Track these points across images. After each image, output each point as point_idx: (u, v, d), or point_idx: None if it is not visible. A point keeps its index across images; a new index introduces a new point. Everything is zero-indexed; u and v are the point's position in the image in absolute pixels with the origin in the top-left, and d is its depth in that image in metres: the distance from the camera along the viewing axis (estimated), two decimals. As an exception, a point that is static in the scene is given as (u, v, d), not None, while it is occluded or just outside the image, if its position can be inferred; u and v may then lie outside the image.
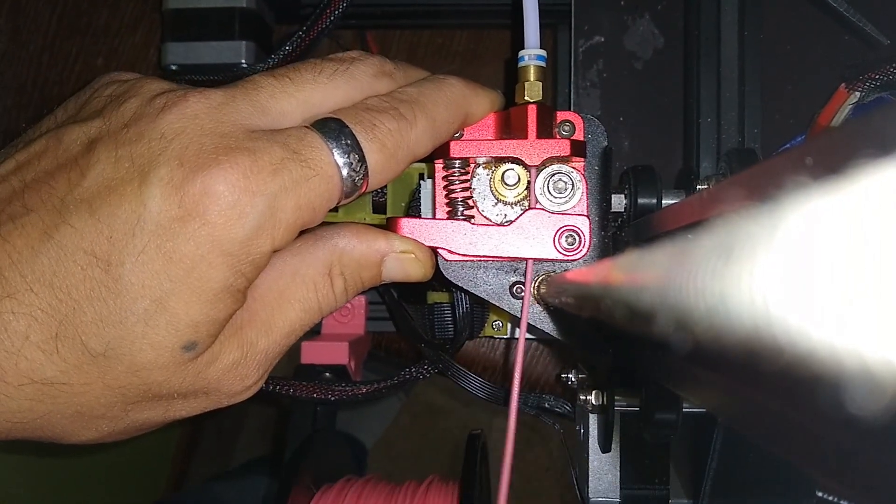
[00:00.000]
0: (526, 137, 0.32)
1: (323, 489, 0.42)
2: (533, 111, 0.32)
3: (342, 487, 0.42)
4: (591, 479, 0.37)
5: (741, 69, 0.40)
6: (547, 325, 0.34)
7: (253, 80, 0.28)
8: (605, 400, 0.35)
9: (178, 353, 0.26)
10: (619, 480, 0.37)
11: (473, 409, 1.26)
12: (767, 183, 0.14)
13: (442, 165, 0.34)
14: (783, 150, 0.42)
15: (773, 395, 0.11)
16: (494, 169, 0.33)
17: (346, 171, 0.27)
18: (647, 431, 0.31)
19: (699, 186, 0.35)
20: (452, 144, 0.33)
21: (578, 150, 0.33)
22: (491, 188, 0.33)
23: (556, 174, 0.33)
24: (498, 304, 0.34)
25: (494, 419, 1.16)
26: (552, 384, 0.57)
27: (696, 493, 0.34)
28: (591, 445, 0.37)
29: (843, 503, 0.33)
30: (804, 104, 0.43)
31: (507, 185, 0.33)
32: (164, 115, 0.26)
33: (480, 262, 0.34)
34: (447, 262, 0.34)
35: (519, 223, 0.33)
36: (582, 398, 0.36)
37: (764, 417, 0.14)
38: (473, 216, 0.33)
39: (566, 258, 0.33)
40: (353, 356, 0.46)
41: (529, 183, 0.33)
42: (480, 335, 0.47)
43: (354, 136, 0.28)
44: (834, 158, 0.10)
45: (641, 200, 0.34)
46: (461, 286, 0.34)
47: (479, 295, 0.34)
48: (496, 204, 0.33)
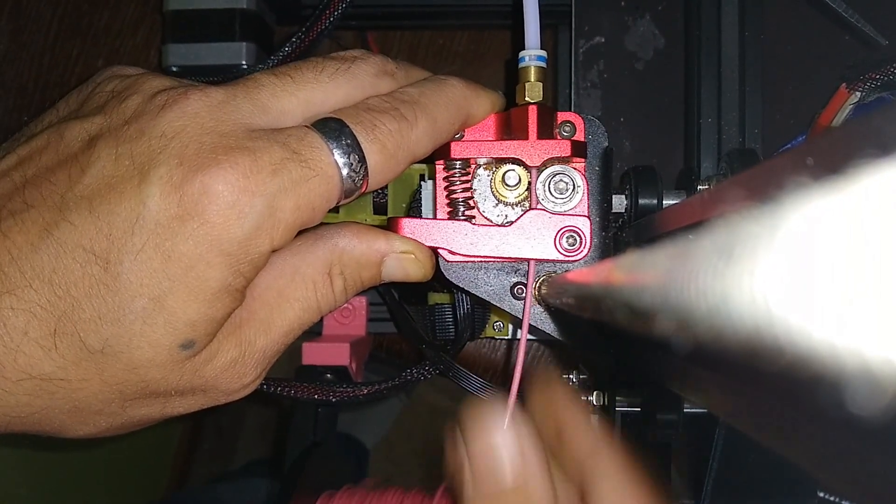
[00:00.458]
0: (527, 138, 0.32)
1: (324, 496, 0.41)
2: (533, 112, 0.32)
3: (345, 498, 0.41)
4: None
5: (742, 69, 0.40)
6: (548, 325, 0.34)
7: (254, 78, 0.28)
8: (606, 400, 0.35)
9: (175, 351, 0.26)
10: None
11: (474, 409, 1.25)
12: (768, 183, 0.14)
13: (443, 166, 0.34)
14: (784, 150, 0.42)
15: (774, 395, 0.11)
16: (495, 170, 0.33)
17: (346, 171, 0.27)
18: (648, 432, 0.31)
19: (700, 187, 0.35)
20: (453, 145, 0.33)
21: (579, 150, 0.33)
22: (492, 189, 0.33)
23: (556, 175, 0.33)
24: (499, 304, 0.34)
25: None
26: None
27: (697, 493, 0.34)
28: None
29: (844, 504, 0.33)
30: (805, 104, 0.43)
31: (507, 185, 0.33)
32: (164, 112, 0.26)
33: (481, 262, 0.34)
34: (448, 262, 0.33)
35: (520, 224, 0.33)
36: (583, 399, 0.36)
37: (765, 417, 0.14)
38: (474, 217, 0.33)
39: (567, 259, 0.33)
40: (354, 357, 0.46)
41: (530, 184, 0.33)
42: (481, 336, 0.47)
43: (355, 136, 0.27)
44: (834, 159, 0.10)
45: (642, 201, 0.34)
46: (462, 287, 0.34)
47: (480, 296, 0.34)
48: (497, 205, 0.33)
